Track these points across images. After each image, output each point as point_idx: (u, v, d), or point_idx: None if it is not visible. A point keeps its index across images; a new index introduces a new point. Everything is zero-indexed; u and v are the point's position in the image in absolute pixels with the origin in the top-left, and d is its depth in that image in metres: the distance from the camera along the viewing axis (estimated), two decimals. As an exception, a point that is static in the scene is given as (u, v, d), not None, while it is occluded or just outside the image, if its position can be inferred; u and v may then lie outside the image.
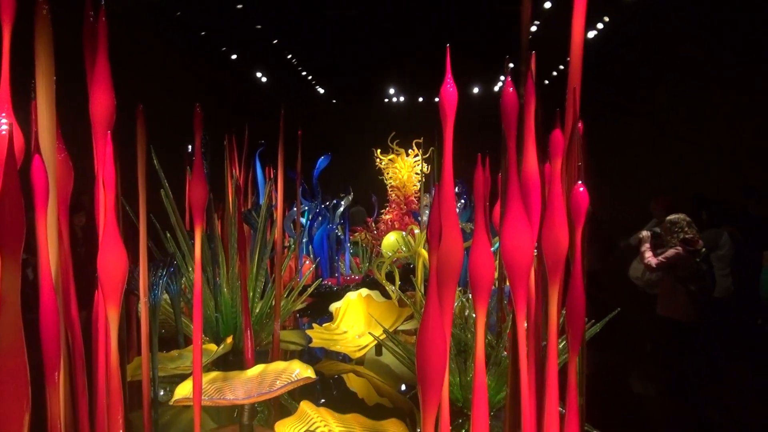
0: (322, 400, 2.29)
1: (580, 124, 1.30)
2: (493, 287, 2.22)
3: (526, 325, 1.24)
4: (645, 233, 4.49)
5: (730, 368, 4.18)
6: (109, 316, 1.25)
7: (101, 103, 1.25)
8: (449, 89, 1.09)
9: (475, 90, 12.74)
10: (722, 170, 7.37)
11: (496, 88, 12.13)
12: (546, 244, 1.12)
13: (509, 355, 1.41)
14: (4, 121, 1.12)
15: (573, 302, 1.21)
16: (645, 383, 3.77)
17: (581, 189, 1.20)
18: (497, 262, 1.48)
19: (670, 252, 4.20)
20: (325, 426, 1.87)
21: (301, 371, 2.16)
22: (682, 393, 3.67)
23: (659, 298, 4.35)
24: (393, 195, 6.41)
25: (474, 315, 2.30)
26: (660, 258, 4.22)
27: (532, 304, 1.25)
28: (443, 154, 1.06)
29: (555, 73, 9.69)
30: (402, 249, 4.74)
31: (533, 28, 9.45)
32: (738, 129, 7.37)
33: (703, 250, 4.22)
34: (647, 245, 4.37)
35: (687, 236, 4.16)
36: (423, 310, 0.94)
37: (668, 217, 4.33)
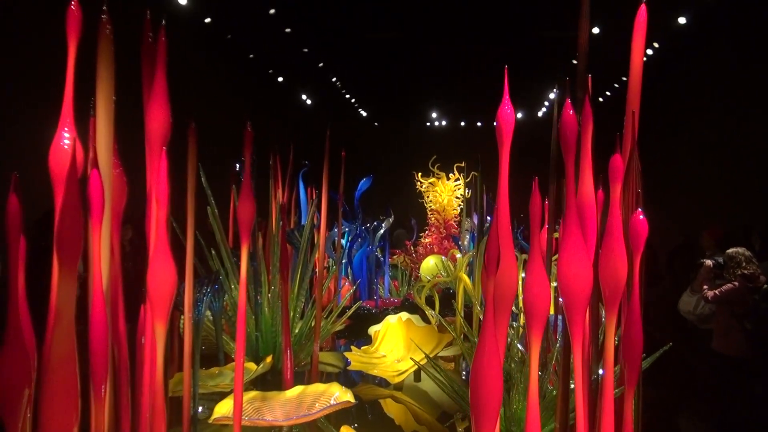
0: (355, 425, 2.25)
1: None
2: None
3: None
4: (708, 262, 4.33)
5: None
6: (156, 331, 1.25)
7: (157, 119, 1.27)
8: (507, 111, 1.07)
9: (519, 115, 12.65)
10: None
11: (540, 114, 12.03)
12: (604, 274, 1.07)
13: (559, 388, 1.35)
14: (67, 135, 1.15)
15: (630, 333, 1.16)
16: (696, 422, 3.59)
17: (641, 217, 1.16)
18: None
19: (727, 287, 4.03)
20: (364, 452, 1.83)
21: (340, 395, 2.13)
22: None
23: (715, 332, 4.18)
24: (432, 218, 6.38)
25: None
26: (715, 291, 4.06)
27: (586, 334, 1.20)
28: (499, 179, 1.03)
29: (600, 99, 9.58)
30: (441, 273, 4.69)
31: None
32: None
33: (765, 286, 4.04)
34: (705, 276, 4.22)
35: (746, 272, 3.99)
36: (477, 337, 0.91)
37: (727, 251, 4.17)
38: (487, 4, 8.53)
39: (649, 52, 8.32)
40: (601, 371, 1.22)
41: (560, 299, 1.13)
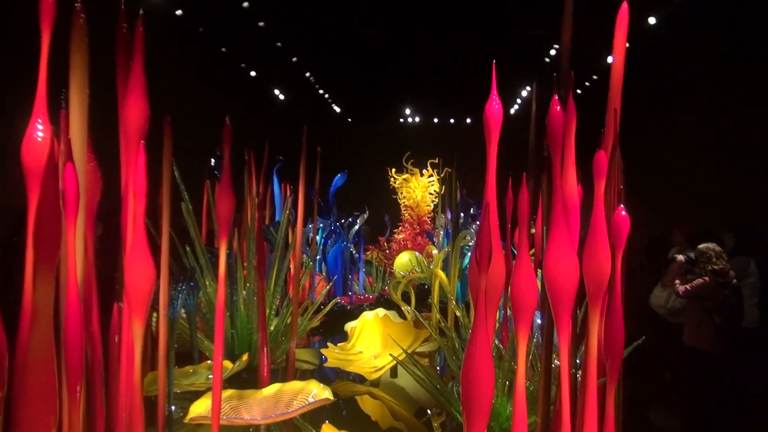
0: (326, 421, 2.23)
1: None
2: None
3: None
4: (680, 257, 4.43)
5: (756, 400, 4.07)
6: (134, 329, 1.22)
7: (135, 112, 1.23)
8: (495, 106, 1.07)
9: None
10: (747, 198, 7.28)
11: (513, 111, 12.14)
12: (588, 270, 1.08)
13: (540, 382, 1.36)
14: (41, 128, 1.10)
15: (612, 329, 1.17)
16: (667, 414, 3.68)
17: (623, 213, 1.17)
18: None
19: (698, 281, 4.13)
20: (345, 450, 1.82)
21: (318, 392, 2.11)
22: (706, 425, 3.57)
23: (686, 327, 4.28)
24: (406, 215, 6.40)
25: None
26: (686, 286, 4.16)
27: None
28: (487, 173, 1.03)
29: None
30: (416, 269, 4.70)
31: (552, 52, 9.51)
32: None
33: (734, 281, 4.15)
34: (677, 271, 4.31)
35: (716, 267, 4.09)
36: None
37: (698, 247, 4.27)
38: (460, 2, 8.58)
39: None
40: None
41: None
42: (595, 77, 8.69)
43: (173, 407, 2.29)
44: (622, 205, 1.18)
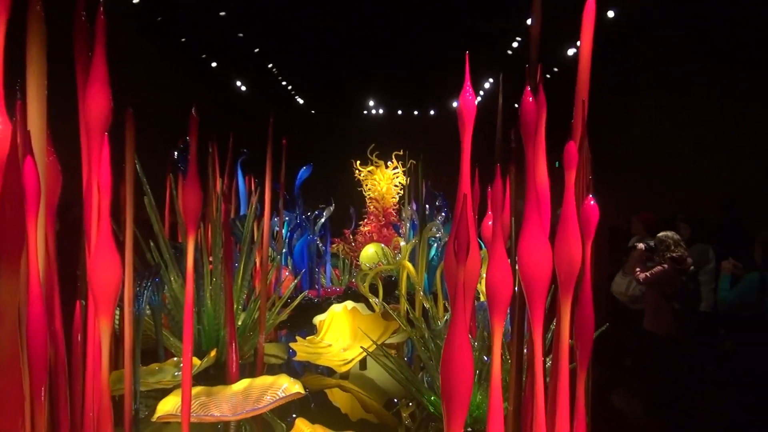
0: (293, 415, 2.22)
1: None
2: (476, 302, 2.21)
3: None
4: (640, 246, 4.55)
5: (714, 382, 4.23)
6: (101, 327, 1.18)
7: (98, 103, 1.19)
8: (468, 97, 1.07)
9: (455, 104, 12.83)
10: (705, 185, 7.52)
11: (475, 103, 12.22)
12: (560, 259, 1.10)
13: (511, 369, 1.38)
14: (-1, 119, 1.05)
15: (582, 317, 1.20)
16: (628, 397, 3.79)
17: (592, 203, 1.19)
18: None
19: (657, 269, 4.27)
20: (319, 444, 1.81)
21: (289, 386, 2.10)
22: (666, 407, 3.69)
23: (646, 313, 4.42)
24: (371, 207, 6.38)
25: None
26: (646, 273, 4.28)
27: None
28: (461, 164, 1.03)
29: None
30: (382, 261, 4.70)
31: (514, 44, 9.61)
32: (721, 143, 7.55)
33: (692, 268, 4.30)
34: (638, 259, 4.43)
35: (674, 254, 4.22)
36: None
37: (658, 235, 4.40)
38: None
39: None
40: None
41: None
42: (555, 69, 8.83)
43: (139, 406, 2.25)
44: (591, 195, 1.21)
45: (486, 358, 2.07)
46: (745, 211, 6.15)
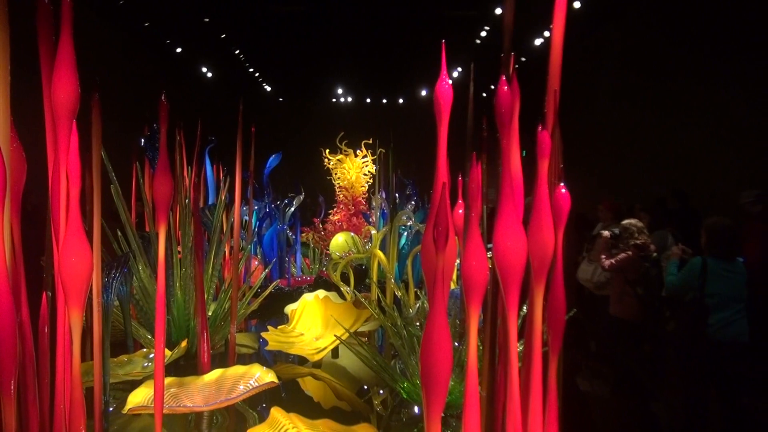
0: (263, 405, 2.22)
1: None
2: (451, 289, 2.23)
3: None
4: (606, 233, 4.65)
5: (672, 363, 4.38)
6: (72, 319, 1.15)
7: (65, 89, 1.15)
8: (444, 86, 1.07)
9: (423, 93, 12.86)
10: (660, 173, 7.70)
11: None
12: (533, 246, 1.12)
13: (485, 356, 1.40)
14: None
15: (554, 303, 1.22)
16: (593, 380, 3.91)
17: (563, 191, 1.21)
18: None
19: (622, 256, 4.39)
20: (296, 432, 1.81)
21: (262, 375, 2.09)
22: (630, 390, 3.82)
23: (611, 298, 4.53)
24: (341, 195, 6.36)
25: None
26: (611, 260, 4.39)
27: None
28: (438, 153, 1.04)
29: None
30: (352, 250, 4.70)
31: (483, 33, 9.66)
32: (678, 132, 7.73)
33: (654, 255, 4.43)
34: (603, 246, 4.54)
35: (638, 242, 4.34)
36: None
37: (622, 223, 4.51)
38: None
39: (547, 34, 8.69)
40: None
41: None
42: (523, 59, 8.91)
43: (109, 398, 2.21)
44: (562, 184, 1.23)
45: (456, 344, 2.10)
46: (707, 197, 6.33)
